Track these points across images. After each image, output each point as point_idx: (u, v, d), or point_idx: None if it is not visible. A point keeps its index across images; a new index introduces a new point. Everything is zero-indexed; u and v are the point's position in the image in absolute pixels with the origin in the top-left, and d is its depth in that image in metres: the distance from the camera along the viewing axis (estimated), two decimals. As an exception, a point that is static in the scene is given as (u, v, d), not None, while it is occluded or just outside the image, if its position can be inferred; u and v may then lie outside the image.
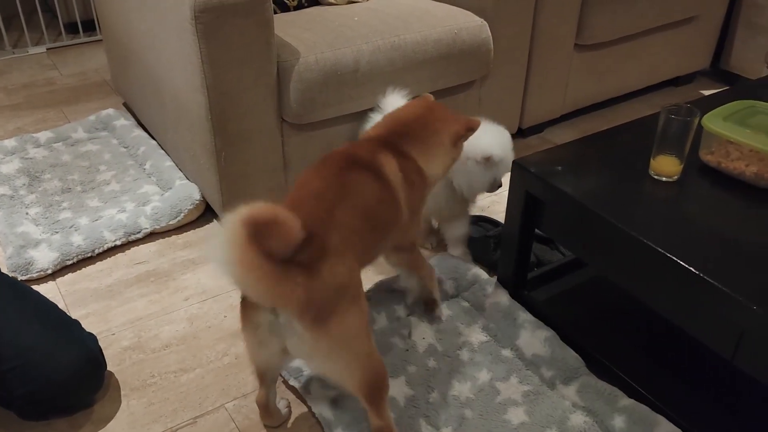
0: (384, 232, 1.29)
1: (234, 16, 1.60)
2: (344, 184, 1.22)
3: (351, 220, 1.17)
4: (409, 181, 1.34)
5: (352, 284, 1.13)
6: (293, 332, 1.08)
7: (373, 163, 1.28)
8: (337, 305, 1.08)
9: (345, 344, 1.11)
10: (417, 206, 1.40)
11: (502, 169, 1.63)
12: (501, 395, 1.39)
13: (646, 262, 1.25)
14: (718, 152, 1.44)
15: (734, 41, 2.82)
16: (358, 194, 1.22)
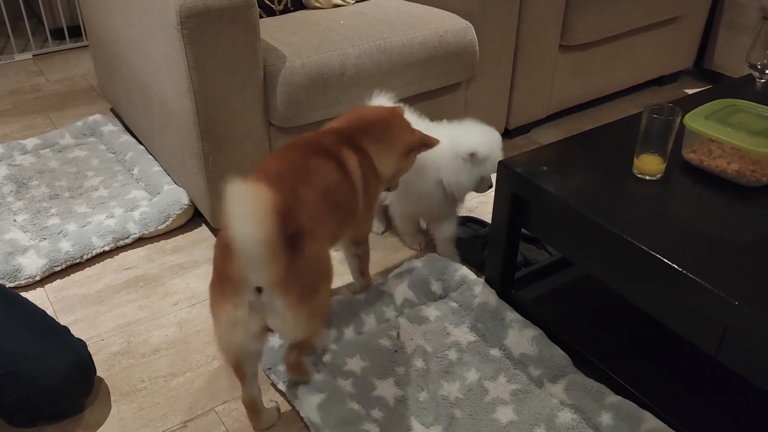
0: (344, 218, 1.35)
1: (220, 22, 1.61)
2: (307, 166, 1.27)
3: (315, 200, 1.22)
4: (366, 176, 1.41)
5: (325, 262, 1.20)
6: (275, 309, 1.12)
7: (336, 153, 1.34)
8: (317, 283, 1.16)
9: (318, 316, 1.21)
10: (371, 202, 1.48)
11: (489, 167, 1.64)
12: (490, 394, 1.40)
13: (631, 260, 1.26)
14: (701, 150, 1.46)
15: (717, 41, 2.85)
16: (321, 176, 1.27)
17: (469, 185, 1.67)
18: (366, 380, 1.41)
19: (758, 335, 1.07)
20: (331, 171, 1.31)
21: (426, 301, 1.65)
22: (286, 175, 1.24)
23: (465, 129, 1.69)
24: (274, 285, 1.09)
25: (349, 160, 1.37)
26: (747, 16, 2.70)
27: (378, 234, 1.97)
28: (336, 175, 1.31)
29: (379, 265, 1.84)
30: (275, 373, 1.44)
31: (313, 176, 1.26)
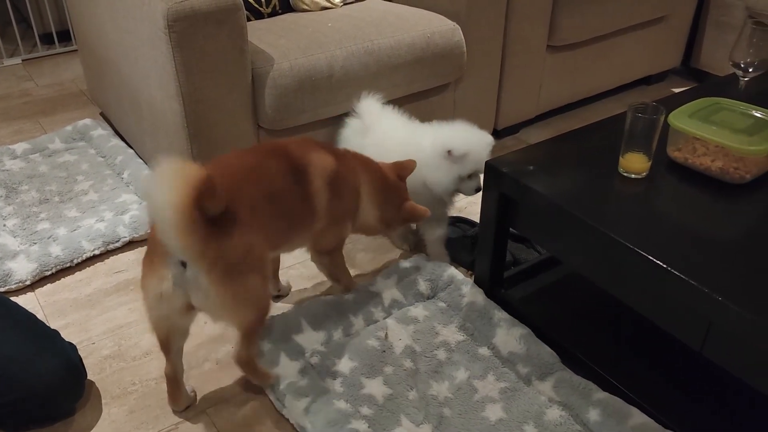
0: (292, 224, 1.39)
1: (207, 25, 1.61)
2: (257, 167, 1.33)
3: (258, 198, 1.28)
4: (336, 190, 1.44)
5: (256, 253, 1.24)
6: (199, 286, 1.17)
7: (299, 159, 1.38)
8: (242, 267, 1.20)
9: (244, 301, 1.23)
10: (339, 217, 1.49)
11: (469, 165, 1.66)
12: (479, 393, 1.41)
13: (617, 257, 1.27)
14: (685, 149, 1.47)
15: (704, 40, 2.88)
16: (268, 179, 1.32)
17: (449, 183, 1.68)
18: (354, 380, 1.42)
19: (742, 331, 1.09)
20: (280, 175, 1.35)
21: (414, 302, 1.66)
22: (235, 167, 1.31)
23: (450, 128, 1.70)
24: (194, 259, 1.14)
25: (315, 169, 1.40)
26: (733, 16, 2.73)
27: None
28: (285, 180, 1.35)
29: (368, 265, 1.84)
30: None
31: (263, 175, 1.32)
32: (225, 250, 1.16)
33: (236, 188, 1.24)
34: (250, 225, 1.22)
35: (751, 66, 1.69)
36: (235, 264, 1.18)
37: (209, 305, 1.21)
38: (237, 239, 1.18)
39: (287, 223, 1.38)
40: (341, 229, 1.53)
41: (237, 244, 1.18)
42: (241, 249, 1.19)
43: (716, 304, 1.11)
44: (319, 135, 1.94)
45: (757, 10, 2.59)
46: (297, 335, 1.50)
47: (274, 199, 1.32)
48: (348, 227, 1.55)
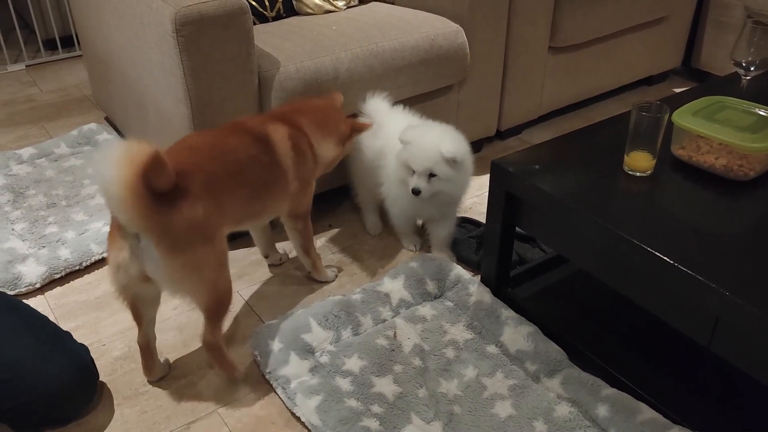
0: (262, 192, 1.50)
1: (214, 29, 1.63)
2: (219, 143, 1.43)
3: (215, 173, 1.36)
4: (300, 150, 1.57)
5: (208, 225, 1.31)
6: (151, 257, 1.25)
7: (259, 130, 1.50)
8: (191, 239, 1.27)
9: (194, 273, 1.30)
10: (307, 177, 1.62)
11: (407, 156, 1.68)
12: (488, 390, 1.43)
13: (624, 254, 1.29)
14: (689, 147, 1.49)
15: (704, 40, 2.90)
16: (231, 152, 1.42)
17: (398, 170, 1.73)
18: (364, 378, 1.43)
19: (749, 325, 1.10)
20: (247, 148, 1.45)
21: (422, 301, 1.67)
22: (194, 144, 1.41)
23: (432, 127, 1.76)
24: (143, 231, 1.22)
25: (276, 136, 1.52)
26: (732, 16, 2.75)
27: (374, 235, 1.99)
28: (252, 151, 1.46)
29: (374, 266, 1.86)
30: (275, 378, 1.45)
31: (223, 152, 1.41)
32: (173, 223, 1.24)
33: (191, 164, 1.33)
34: (202, 199, 1.30)
35: (753, 65, 1.71)
36: (183, 236, 1.26)
37: (160, 276, 1.28)
38: (186, 212, 1.26)
39: (256, 193, 1.48)
40: (310, 187, 1.65)
41: (185, 217, 1.26)
42: (189, 221, 1.26)
43: (723, 300, 1.13)
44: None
45: (755, 9, 2.61)
46: (306, 335, 1.51)
47: (236, 172, 1.41)
48: (313, 183, 1.67)
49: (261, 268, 1.86)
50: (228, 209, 1.40)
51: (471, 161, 1.75)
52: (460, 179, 1.71)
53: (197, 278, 1.32)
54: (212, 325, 1.40)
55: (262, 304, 1.72)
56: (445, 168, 1.66)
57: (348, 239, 1.98)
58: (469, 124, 2.27)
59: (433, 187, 1.68)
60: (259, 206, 1.53)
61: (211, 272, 1.34)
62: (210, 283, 1.34)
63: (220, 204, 1.36)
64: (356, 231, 2.02)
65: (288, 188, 1.56)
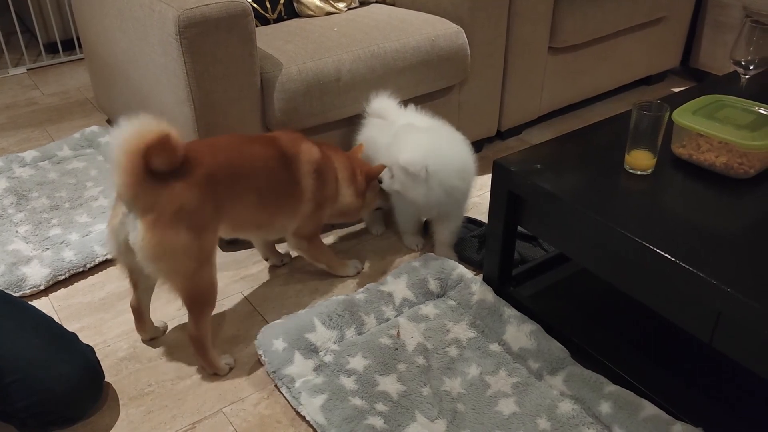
0: (272, 204, 1.54)
1: (217, 31, 1.64)
2: (242, 147, 1.49)
3: (228, 170, 1.41)
4: (323, 177, 1.62)
5: (199, 215, 1.35)
6: (134, 227, 1.30)
7: (289, 148, 1.56)
8: (176, 221, 1.31)
9: (170, 255, 1.33)
10: (322, 203, 1.65)
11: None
12: (491, 388, 1.44)
13: (626, 252, 1.30)
14: (689, 145, 1.50)
15: (702, 40, 2.91)
16: (250, 158, 1.48)
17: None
18: (369, 377, 1.44)
19: (750, 321, 1.11)
20: (269, 159, 1.51)
21: (424, 300, 1.68)
22: (215, 143, 1.47)
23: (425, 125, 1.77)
24: (132, 199, 1.28)
25: (305, 156, 1.58)
26: (730, 15, 2.76)
27: (378, 235, 2.00)
28: (273, 164, 1.51)
29: (377, 265, 1.87)
30: (280, 377, 1.46)
31: (242, 155, 1.47)
32: (161, 199, 1.29)
33: (203, 155, 1.38)
34: (200, 189, 1.34)
35: (752, 63, 1.72)
36: (168, 215, 1.30)
37: (138, 247, 1.31)
38: (177, 193, 1.31)
39: (265, 204, 1.52)
40: (319, 218, 1.68)
41: (175, 198, 1.30)
42: (179, 203, 1.31)
43: (725, 296, 1.14)
44: (328, 137, 1.97)
45: (754, 9, 2.63)
46: (310, 334, 1.52)
47: (248, 178, 1.46)
48: (326, 212, 1.70)
49: (264, 268, 1.87)
50: (228, 210, 1.43)
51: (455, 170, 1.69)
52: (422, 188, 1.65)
53: (173, 262, 1.34)
54: (194, 318, 1.43)
55: (266, 304, 1.73)
56: (398, 172, 1.66)
57: (351, 239, 1.99)
58: (469, 124, 2.28)
59: (393, 184, 1.70)
60: (265, 217, 1.56)
61: (189, 262, 1.36)
62: (187, 272, 1.37)
63: (219, 201, 1.39)
64: (359, 231, 2.03)
65: (300, 208, 1.60)
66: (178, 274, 1.36)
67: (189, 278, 1.38)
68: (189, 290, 1.40)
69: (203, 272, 1.40)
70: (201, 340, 1.46)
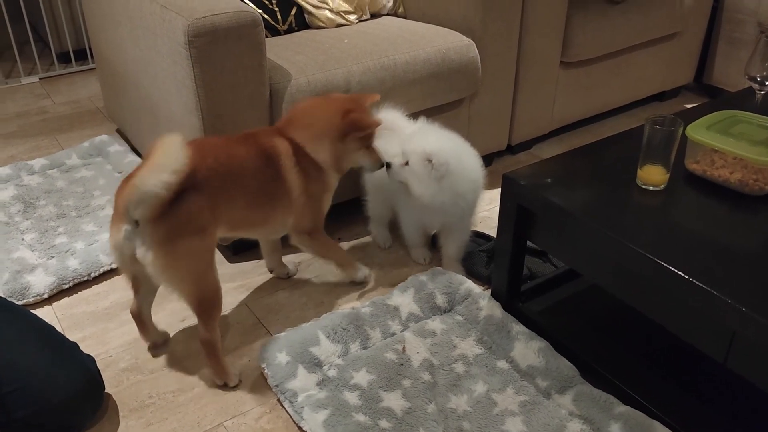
0: (264, 202, 1.53)
1: (227, 41, 1.63)
2: (227, 147, 1.49)
3: (218, 171, 1.42)
4: (302, 166, 1.56)
5: (200, 218, 1.37)
6: (143, 242, 1.32)
7: (267, 144, 1.53)
8: (185, 230, 1.34)
9: (182, 263, 1.36)
10: (314, 192, 1.61)
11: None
12: (498, 406, 1.40)
13: (638, 269, 1.27)
14: (703, 161, 1.47)
15: (716, 56, 2.88)
16: (237, 158, 1.48)
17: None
18: (373, 392, 1.41)
19: (766, 341, 1.08)
20: (253, 158, 1.50)
21: (431, 315, 1.66)
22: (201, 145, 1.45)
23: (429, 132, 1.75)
24: (148, 219, 1.30)
25: (282, 151, 1.54)
26: (744, 31, 2.74)
27: (385, 248, 1.98)
28: (258, 162, 1.50)
29: (384, 279, 1.84)
30: (282, 391, 1.43)
31: (229, 155, 1.47)
32: (172, 213, 1.31)
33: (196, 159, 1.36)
34: (201, 192, 1.36)
35: (767, 79, 1.69)
36: (176, 227, 1.32)
37: (148, 261, 1.33)
38: (186, 205, 1.33)
39: (258, 202, 1.52)
40: (319, 202, 1.64)
41: (184, 208, 1.32)
42: (187, 213, 1.33)
43: (740, 315, 1.11)
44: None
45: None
46: (314, 348, 1.50)
47: (238, 177, 1.46)
48: (326, 197, 1.65)
49: (269, 280, 1.84)
50: (223, 210, 1.44)
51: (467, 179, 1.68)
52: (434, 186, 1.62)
53: (183, 269, 1.37)
54: (204, 322, 1.44)
55: (270, 316, 1.71)
56: (416, 161, 1.62)
57: (358, 252, 1.97)
58: (479, 137, 2.26)
59: (401, 173, 1.65)
60: (260, 216, 1.56)
61: (196, 264, 1.39)
62: (195, 275, 1.39)
63: (214, 202, 1.41)
64: (366, 244, 2.01)
65: (292, 203, 1.58)
66: (188, 279, 1.39)
67: (197, 282, 1.40)
68: (198, 294, 1.41)
69: (208, 274, 1.42)
70: (213, 343, 1.46)
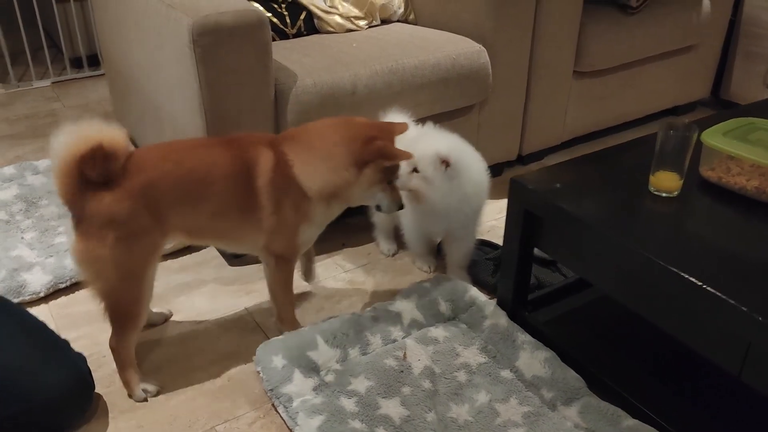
0: (229, 214, 1.40)
1: (232, 40, 1.61)
2: (197, 155, 1.38)
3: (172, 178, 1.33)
4: (278, 185, 1.40)
5: (129, 225, 1.30)
6: (70, 231, 1.31)
7: (245, 153, 1.39)
8: (104, 230, 1.28)
9: (94, 263, 1.31)
10: (287, 219, 1.43)
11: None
12: (501, 417, 1.35)
13: (650, 277, 1.21)
14: (719, 168, 1.43)
15: (733, 70, 2.83)
16: (203, 164, 1.37)
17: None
18: (370, 399, 1.36)
19: (783, 352, 1.02)
20: (224, 165, 1.37)
21: (434, 322, 1.60)
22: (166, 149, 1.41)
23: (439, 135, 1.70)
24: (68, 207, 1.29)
25: (261, 164, 1.39)
26: (762, 46, 2.68)
27: (389, 256, 1.93)
28: (228, 170, 1.37)
29: (387, 287, 1.80)
30: (277, 396, 1.38)
31: (194, 161, 1.37)
32: (91, 208, 1.27)
33: (145, 163, 1.33)
34: (133, 199, 1.29)
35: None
36: (96, 225, 1.27)
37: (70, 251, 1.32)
38: (105, 204, 1.27)
39: (222, 213, 1.40)
40: (293, 228, 1.44)
41: (103, 209, 1.27)
42: (107, 214, 1.28)
43: (756, 325, 1.05)
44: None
45: (788, 40, 2.55)
46: (312, 352, 1.45)
47: (199, 184, 1.35)
48: (301, 232, 1.45)
49: (270, 284, 1.80)
50: (175, 216, 1.36)
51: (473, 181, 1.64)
52: (445, 188, 1.57)
53: (96, 271, 1.32)
54: (113, 331, 1.39)
55: (269, 321, 1.67)
56: (427, 164, 1.56)
57: (361, 258, 1.92)
58: (489, 146, 2.22)
59: (411, 180, 1.56)
60: (227, 227, 1.44)
61: (113, 272, 1.32)
62: (108, 283, 1.33)
63: (162, 210, 1.34)
64: (370, 250, 1.96)
65: (261, 222, 1.41)
66: (99, 283, 1.33)
67: (110, 289, 1.34)
68: (109, 301, 1.35)
69: (129, 286, 1.35)
70: (119, 353, 1.41)
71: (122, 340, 1.40)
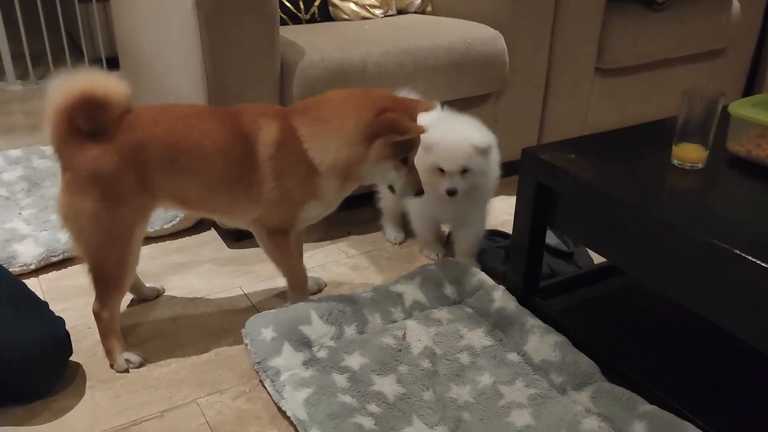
0: (223, 186, 1.32)
1: (236, 7, 1.55)
2: (194, 122, 1.31)
3: (165, 143, 1.27)
4: (283, 159, 1.31)
5: (117, 185, 1.24)
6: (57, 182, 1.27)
7: (250, 124, 1.31)
8: (89, 185, 1.23)
9: (77, 219, 1.25)
10: (293, 194, 1.34)
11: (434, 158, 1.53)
12: (504, 398, 1.23)
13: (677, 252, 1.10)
14: (747, 142, 1.32)
15: (766, 76, 2.72)
16: (198, 133, 1.29)
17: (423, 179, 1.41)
18: (364, 375, 1.26)
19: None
20: (222, 136, 1.30)
21: (438, 305, 1.50)
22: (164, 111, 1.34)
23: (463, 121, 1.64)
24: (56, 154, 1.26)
25: (263, 136, 1.30)
26: (797, 50, 2.58)
27: (396, 244, 1.84)
28: (226, 143, 1.29)
29: (392, 272, 1.70)
30: (264, 369, 1.29)
31: (189, 128, 1.30)
32: (78, 159, 1.23)
33: (140, 123, 1.27)
34: (122, 157, 1.24)
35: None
36: (81, 178, 1.23)
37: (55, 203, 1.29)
38: (91, 157, 1.22)
39: (215, 184, 1.32)
40: (296, 205, 1.36)
41: (89, 161, 1.22)
42: (93, 168, 1.23)
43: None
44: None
45: (823, 43, 2.44)
46: (305, 326, 1.35)
47: (191, 153, 1.29)
48: (307, 209, 1.37)
49: (268, 266, 1.71)
50: (163, 185, 1.30)
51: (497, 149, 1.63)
52: (491, 168, 1.59)
53: (79, 227, 1.26)
54: (97, 294, 1.33)
55: (265, 302, 1.58)
56: (478, 160, 1.53)
57: (367, 245, 1.84)
58: (506, 140, 2.10)
59: (468, 183, 1.54)
60: (218, 200, 1.36)
61: (97, 231, 1.26)
62: (91, 242, 1.27)
63: (149, 174, 1.27)
64: (376, 238, 1.87)
65: (261, 195, 1.33)
66: (82, 241, 1.28)
67: (93, 249, 1.28)
68: (92, 263, 1.29)
69: (113, 248, 1.29)
70: (102, 319, 1.34)
71: (105, 304, 1.33)
